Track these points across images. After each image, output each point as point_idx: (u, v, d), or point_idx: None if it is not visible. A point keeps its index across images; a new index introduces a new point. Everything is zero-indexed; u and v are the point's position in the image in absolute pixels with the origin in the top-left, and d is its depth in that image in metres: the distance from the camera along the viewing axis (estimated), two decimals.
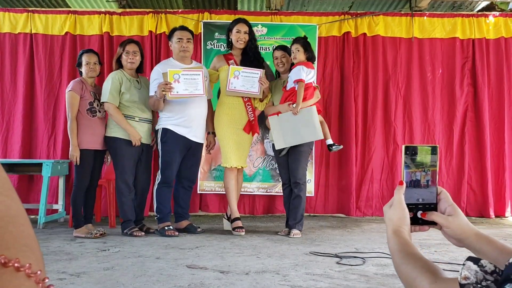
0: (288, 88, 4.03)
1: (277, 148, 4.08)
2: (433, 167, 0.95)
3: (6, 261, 0.37)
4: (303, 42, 4.04)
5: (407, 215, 0.92)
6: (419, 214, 0.94)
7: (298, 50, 4.00)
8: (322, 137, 4.08)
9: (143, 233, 3.95)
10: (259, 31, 5.32)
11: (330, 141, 4.18)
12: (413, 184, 0.95)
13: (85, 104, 3.96)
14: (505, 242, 0.83)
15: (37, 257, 0.41)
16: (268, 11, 5.59)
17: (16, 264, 0.37)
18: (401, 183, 0.94)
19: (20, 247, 0.40)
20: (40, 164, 4.54)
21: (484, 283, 0.65)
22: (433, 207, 0.95)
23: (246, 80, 4.01)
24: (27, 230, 0.42)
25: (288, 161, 4.07)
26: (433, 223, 0.94)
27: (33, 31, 5.45)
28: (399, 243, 0.87)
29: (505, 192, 5.37)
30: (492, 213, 5.31)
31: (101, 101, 3.98)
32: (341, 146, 4.29)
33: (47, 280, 0.40)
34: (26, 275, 0.38)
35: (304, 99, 3.94)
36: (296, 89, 3.92)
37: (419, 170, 0.95)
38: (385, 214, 0.95)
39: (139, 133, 3.98)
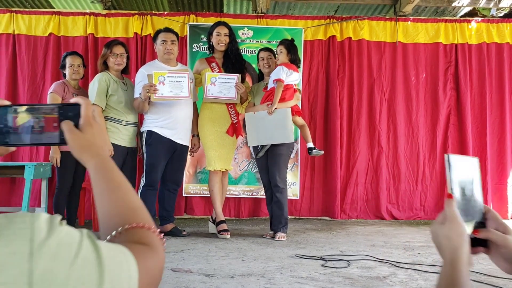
0: (268, 88, 4.04)
1: (249, 145, 4.10)
2: (476, 181, 0.84)
3: (145, 226, 0.70)
4: (287, 44, 4.05)
5: (465, 230, 0.78)
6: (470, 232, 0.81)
7: (281, 52, 4.02)
8: (293, 140, 4.10)
9: None
10: (245, 34, 5.32)
11: (310, 145, 4.18)
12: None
13: None
14: None
15: (149, 218, 0.74)
16: (254, 14, 5.59)
17: (146, 225, 0.71)
18: (449, 196, 0.81)
19: (145, 216, 0.73)
20: (23, 167, 4.46)
21: None
22: (482, 226, 0.84)
23: (222, 86, 4.02)
24: (139, 202, 0.76)
25: (267, 164, 4.07)
26: (484, 244, 0.82)
27: (16, 32, 5.36)
28: (453, 281, 0.74)
29: (486, 194, 5.45)
30: None
31: None
32: (322, 152, 4.28)
33: (158, 230, 0.71)
34: (152, 231, 0.70)
35: (283, 99, 3.95)
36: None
37: (462, 185, 0.83)
38: (436, 234, 0.80)
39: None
